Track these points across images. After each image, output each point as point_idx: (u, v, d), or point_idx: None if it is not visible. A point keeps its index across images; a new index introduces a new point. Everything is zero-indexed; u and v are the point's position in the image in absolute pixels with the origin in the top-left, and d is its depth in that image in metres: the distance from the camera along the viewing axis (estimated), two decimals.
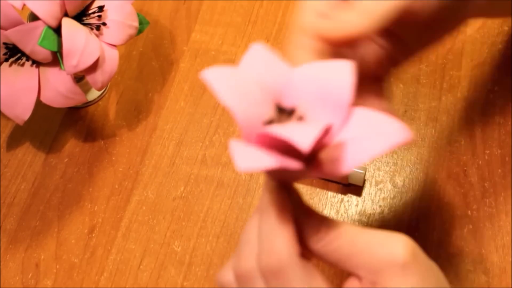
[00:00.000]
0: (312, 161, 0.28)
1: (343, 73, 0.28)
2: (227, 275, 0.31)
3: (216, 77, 0.27)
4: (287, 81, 0.29)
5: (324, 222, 0.29)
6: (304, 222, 0.29)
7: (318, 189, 0.50)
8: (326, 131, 0.27)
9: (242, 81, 0.28)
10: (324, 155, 0.27)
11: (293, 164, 0.26)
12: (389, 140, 0.25)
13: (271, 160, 0.25)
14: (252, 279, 0.29)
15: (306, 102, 0.28)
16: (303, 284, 0.27)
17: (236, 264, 0.30)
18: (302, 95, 0.28)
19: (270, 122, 0.27)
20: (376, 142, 0.26)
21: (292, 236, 0.28)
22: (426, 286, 0.28)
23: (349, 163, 0.26)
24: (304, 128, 0.25)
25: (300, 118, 0.28)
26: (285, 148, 0.26)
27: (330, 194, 0.50)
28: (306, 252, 0.29)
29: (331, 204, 0.49)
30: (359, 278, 0.29)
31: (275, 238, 0.28)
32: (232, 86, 0.27)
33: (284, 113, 0.28)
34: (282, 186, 0.29)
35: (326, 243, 0.29)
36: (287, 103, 0.28)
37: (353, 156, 0.26)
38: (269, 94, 0.28)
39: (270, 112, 0.28)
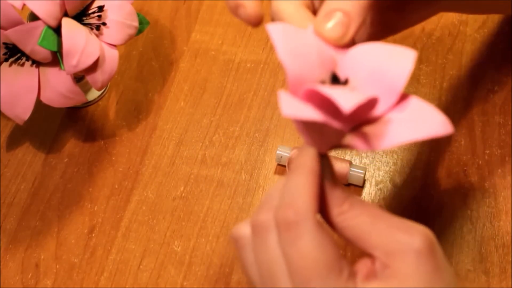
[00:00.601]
0: (354, 132, 0.28)
1: (404, 59, 0.28)
2: (244, 228, 0.31)
3: (279, 32, 0.28)
4: (346, 54, 0.30)
5: (349, 197, 0.30)
6: (331, 192, 0.30)
7: None
8: (371, 105, 0.27)
9: (304, 42, 0.29)
10: (365, 129, 0.28)
11: (335, 123, 0.26)
12: (430, 129, 0.26)
13: (316, 113, 0.26)
14: (267, 230, 0.29)
15: (361, 78, 0.29)
16: (312, 241, 0.28)
17: (255, 216, 0.30)
18: (358, 70, 0.29)
19: (321, 83, 0.28)
20: (418, 128, 0.26)
21: (314, 196, 0.29)
22: (437, 280, 0.28)
23: (387, 142, 0.27)
24: (350, 94, 0.26)
25: (352, 90, 0.29)
26: (330, 110, 0.27)
27: None
28: (324, 223, 0.30)
29: None
30: (372, 259, 0.29)
31: (297, 193, 0.29)
32: (291, 44, 0.28)
33: (337, 82, 0.29)
34: (317, 152, 0.30)
35: (347, 217, 0.29)
36: (342, 74, 0.29)
37: (393, 136, 0.27)
38: (326, 61, 0.29)
39: (324, 77, 0.29)
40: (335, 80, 0.29)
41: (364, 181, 0.49)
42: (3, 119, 0.56)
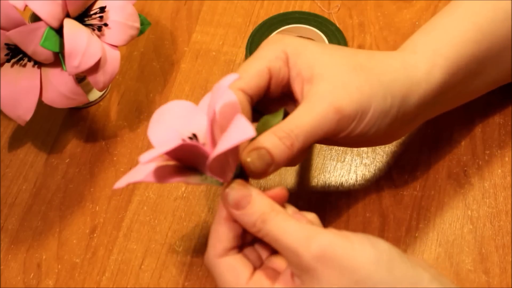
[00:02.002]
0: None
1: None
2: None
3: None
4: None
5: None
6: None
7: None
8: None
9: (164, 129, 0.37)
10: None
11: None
12: (236, 137, 0.31)
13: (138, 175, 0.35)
14: None
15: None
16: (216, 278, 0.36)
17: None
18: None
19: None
20: (229, 138, 0.32)
21: (219, 236, 0.36)
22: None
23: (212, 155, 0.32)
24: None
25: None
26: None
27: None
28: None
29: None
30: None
31: (209, 237, 0.37)
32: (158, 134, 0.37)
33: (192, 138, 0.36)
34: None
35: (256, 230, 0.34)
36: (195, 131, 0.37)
37: (216, 150, 0.32)
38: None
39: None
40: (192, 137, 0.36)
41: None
42: (4, 119, 0.56)
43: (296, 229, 0.33)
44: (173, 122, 0.37)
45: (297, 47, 0.39)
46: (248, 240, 0.37)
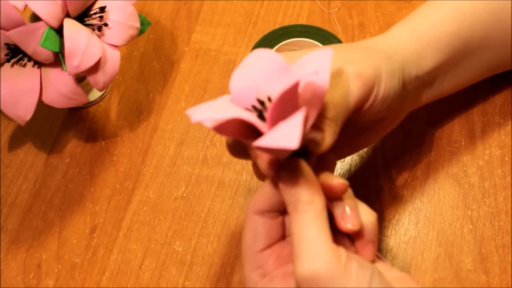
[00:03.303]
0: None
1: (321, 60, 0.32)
2: None
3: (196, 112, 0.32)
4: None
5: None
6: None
7: None
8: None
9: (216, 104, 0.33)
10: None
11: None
12: (278, 141, 0.29)
13: (222, 113, 0.31)
14: None
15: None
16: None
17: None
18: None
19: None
20: (274, 138, 0.29)
21: (263, 195, 0.35)
22: None
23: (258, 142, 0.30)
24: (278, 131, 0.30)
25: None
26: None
27: None
28: None
29: None
30: None
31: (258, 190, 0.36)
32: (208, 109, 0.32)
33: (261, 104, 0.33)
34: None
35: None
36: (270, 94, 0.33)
37: (262, 139, 0.30)
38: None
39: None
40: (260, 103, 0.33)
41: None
42: (4, 119, 0.56)
43: (308, 239, 0.32)
44: (259, 74, 0.34)
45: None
46: None
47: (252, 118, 0.31)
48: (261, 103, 0.33)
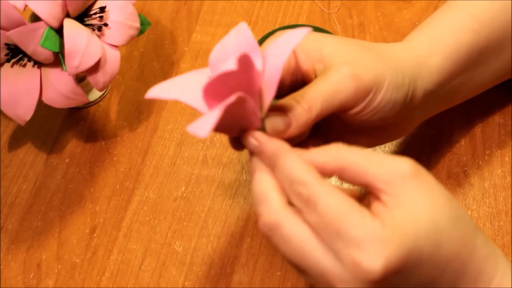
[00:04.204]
0: None
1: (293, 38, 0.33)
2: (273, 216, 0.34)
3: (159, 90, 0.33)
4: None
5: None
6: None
7: None
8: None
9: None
10: None
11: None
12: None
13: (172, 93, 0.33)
14: (280, 225, 0.33)
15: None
16: (332, 199, 0.31)
17: (265, 217, 0.33)
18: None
19: None
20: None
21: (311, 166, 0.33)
22: (435, 197, 0.32)
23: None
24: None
25: None
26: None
27: None
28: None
29: None
30: (377, 195, 0.32)
31: (298, 171, 0.33)
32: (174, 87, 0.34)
33: None
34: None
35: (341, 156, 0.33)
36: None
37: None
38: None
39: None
40: None
41: None
42: (4, 119, 0.56)
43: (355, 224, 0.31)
44: (232, 50, 0.35)
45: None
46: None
47: (191, 101, 0.32)
48: None
